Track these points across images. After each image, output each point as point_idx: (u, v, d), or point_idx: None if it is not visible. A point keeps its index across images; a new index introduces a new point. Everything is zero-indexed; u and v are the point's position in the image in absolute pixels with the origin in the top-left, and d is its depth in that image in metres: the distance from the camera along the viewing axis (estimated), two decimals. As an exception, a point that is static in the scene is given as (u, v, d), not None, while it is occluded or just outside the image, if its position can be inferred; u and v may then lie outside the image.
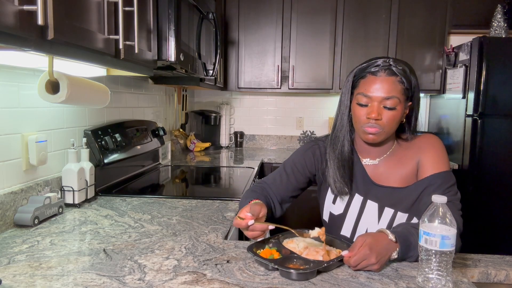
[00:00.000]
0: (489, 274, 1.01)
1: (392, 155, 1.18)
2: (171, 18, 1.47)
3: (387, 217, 1.13)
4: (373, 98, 1.07)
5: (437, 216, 0.83)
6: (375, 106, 1.07)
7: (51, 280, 0.85)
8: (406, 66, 1.09)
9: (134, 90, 2.19)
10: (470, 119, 2.65)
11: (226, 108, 3.44)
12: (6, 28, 0.67)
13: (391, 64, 1.07)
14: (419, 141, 1.16)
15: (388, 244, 0.94)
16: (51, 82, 1.20)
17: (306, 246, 1.00)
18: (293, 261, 0.95)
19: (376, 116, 1.06)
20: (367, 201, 1.16)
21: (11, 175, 1.25)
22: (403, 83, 1.07)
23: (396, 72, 1.07)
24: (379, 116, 1.07)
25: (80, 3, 0.92)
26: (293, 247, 1.00)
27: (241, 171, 2.36)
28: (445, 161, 1.12)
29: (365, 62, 1.13)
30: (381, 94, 1.06)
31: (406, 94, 1.09)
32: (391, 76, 1.07)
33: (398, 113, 1.08)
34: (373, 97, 1.07)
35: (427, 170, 1.10)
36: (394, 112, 1.07)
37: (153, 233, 1.17)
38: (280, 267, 0.89)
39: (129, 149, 1.86)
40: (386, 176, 1.16)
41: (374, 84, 1.07)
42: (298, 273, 0.87)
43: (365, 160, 1.20)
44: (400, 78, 1.07)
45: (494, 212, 2.66)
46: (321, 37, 3.08)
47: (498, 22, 2.79)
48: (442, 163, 1.11)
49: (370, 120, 1.07)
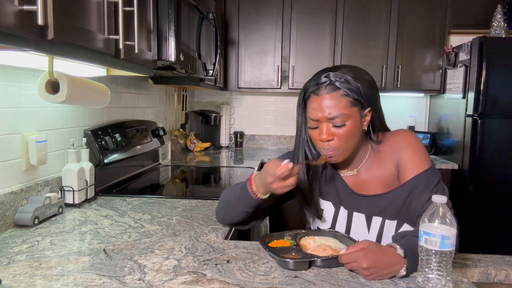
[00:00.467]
0: (489, 274, 1.01)
1: (369, 162, 1.13)
2: (171, 18, 1.47)
3: (376, 226, 1.10)
4: (319, 120, 1.03)
5: (437, 216, 0.83)
6: (324, 127, 1.03)
7: (51, 280, 0.85)
8: (349, 75, 1.02)
9: (134, 90, 2.19)
10: (470, 119, 2.65)
11: (226, 108, 3.44)
12: (6, 28, 0.67)
13: (331, 79, 1.01)
14: (393, 140, 1.11)
15: (394, 259, 0.90)
16: (51, 82, 1.20)
17: (319, 244, 1.02)
18: (291, 253, 0.99)
19: (326, 138, 1.02)
20: (353, 213, 1.12)
21: (11, 175, 1.25)
22: (348, 95, 1.01)
23: (339, 86, 1.01)
24: (330, 136, 1.03)
25: (80, 3, 0.92)
26: (308, 243, 1.04)
27: (241, 171, 2.36)
28: (425, 158, 1.07)
29: (311, 78, 1.08)
30: (324, 115, 1.02)
31: (357, 105, 1.03)
32: (333, 92, 1.01)
33: (351, 127, 1.03)
34: (318, 118, 1.03)
35: (409, 172, 1.06)
36: (345, 129, 1.02)
37: (153, 233, 1.17)
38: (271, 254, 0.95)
39: (129, 149, 1.86)
40: (367, 185, 1.12)
41: (317, 105, 1.02)
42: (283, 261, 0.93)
43: (343, 172, 1.16)
44: (343, 91, 1.01)
45: (494, 212, 2.66)
46: (321, 37, 3.08)
47: (498, 22, 2.79)
48: (422, 161, 1.06)
49: (323, 143, 1.04)
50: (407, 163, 1.07)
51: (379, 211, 1.10)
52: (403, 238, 0.96)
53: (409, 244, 0.92)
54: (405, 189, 1.06)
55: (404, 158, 1.08)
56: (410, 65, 3.05)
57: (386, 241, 1.07)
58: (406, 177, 1.06)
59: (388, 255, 0.90)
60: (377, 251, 0.90)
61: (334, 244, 1.03)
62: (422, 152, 1.08)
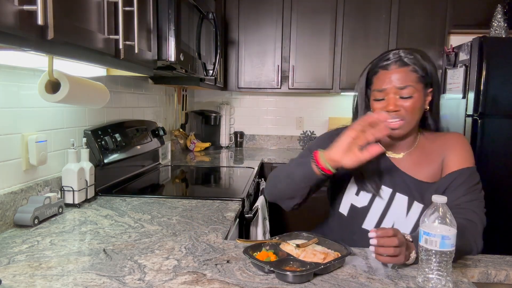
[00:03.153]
0: (489, 274, 1.01)
1: (417, 149, 1.16)
2: (171, 18, 1.47)
3: (416, 211, 1.10)
4: (387, 91, 1.06)
5: (437, 216, 0.83)
6: (391, 98, 1.06)
7: (51, 280, 0.85)
8: (418, 54, 1.07)
9: (134, 90, 2.19)
10: (470, 119, 2.65)
11: (226, 108, 3.44)
12: (6, 28, 0.67)
13: (401, 55, 1.07)
14: (446, 138, 1.15)
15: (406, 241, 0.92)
16: (51, 82, 1.20)
17: (304, 249, 1.00)
18: (289, 263, 0.93)
19: (394, 108, 1.05)
20: (396, 194, 1.12)
21: (11, 175, 1.25)
22: (417, 71, 1.06)
23: (408, 62, 1.06)
24: (397, 107, 1.06)
25: (80, 3, 0.92)
26: (290, 250, 0.99)
27: (241, 171, 2.36)
28: (470, 158, 1.11)
29: (376, 57, 1.13)
30: (394, 85, 1.05)
31: (423, 82, 1.07)
32: (403, 67, 1.06)
33: (416, 101, 1.06)
34: (387, 89, 1.06)
35: (452, 166, 1.09)
36: (412, 101, 1.05)
37: (153, 233, 1.17)
38: (276, 269, 0.87)
39: (129, 149, 1.86)
40: (412, 170, 1.13)
41: (386, 77, 1.07)
42: (294, 275, 0.86)
43: (389, 154, 1.17)
44: (412, 67, 1.06)
45: (494, 212, 2.65)
46: (321, 37, 3.08)
47: (498, 22, 2.79)
48: (467, 159, 1.10)
49: (389, 113, 1.05)
50: (452, 158, 1.10)
51: (421, 198, 1.10)
52: None
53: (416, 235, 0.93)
54: (446, 181, 1.09)
55: (450, 155, 1.11)
56: (410, 65, 3.05)
57: None
58: (449, 170, 1.09)
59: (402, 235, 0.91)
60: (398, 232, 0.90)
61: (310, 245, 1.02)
62: (468, 152, 1.12)
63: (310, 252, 0.97)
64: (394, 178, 1.13)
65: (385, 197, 1.13)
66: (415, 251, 0.92)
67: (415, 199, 1.11)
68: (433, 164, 1.13)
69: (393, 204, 1.12)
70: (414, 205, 1.11)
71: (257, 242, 1.03)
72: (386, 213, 1.13)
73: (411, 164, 1.14)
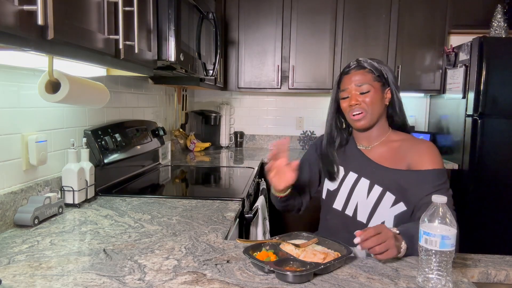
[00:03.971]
0: (489, 274, 1.01)
1: (385, 143, 1.30)
2: (171, 18, 1.47)
3: (375, 194, 1.23)
4: (349, 89, 1.25)
5: (437, 216, 0.83)
6: (353, 94, 1.25)
7: (51, 280, 0.85)
8: (373, 61, 1.27)
9: (134, 90, 2.19)
10: (470, 119, 2.65)
11: (226, 108, 3.44)
12: (6, 28, 0.67)
13: (359, 60, 1.28)
14: (418, 143, 1.25)
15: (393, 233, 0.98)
16: (51, 82, 1.20)
17: (304, 249, 1.00)
18: (289, 263, 0.94)
19: (355, 102, 1.24)
20: (360, 179, 1.27)
21: (11, 175, 1.25)
22: (373, 72, 1.25)
23: (365, 65, 1.26)
24: (358, 101, 1.24)
25: (80, 3, 0.92)
26: (290, 250, 0.99)
27: (241, 171, 2.36)
28: (440, 162, 1.20)
29: None
30: (354, 83, 1.25)
31: (379, 81, 1.25)
32: (360, 70, 1.26)
33: (375, 95, 1.24)
34: (349, 88, 1.26)
35: (421, 166, 1.19)
36: (369, 95, 1.23)
37: (153, 233, 1.17)
38: (276, 269, 0.87)
39: (129, 149, 1.86)
40: (377, 158, 1.28)
41: (348, 79, 1.27)
42: (294, 275, 0.86)
43: (360, 145, 1.33)
44: (369, 69, 1.25)
45: (494, 212, 2.66)
46: (321, 37, 3.08)
47: (498, 22, 2.79)
48: (436, 162, 1.19)
49: (353, 107, 1.24)
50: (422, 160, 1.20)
51: (383, 182, 1.23)
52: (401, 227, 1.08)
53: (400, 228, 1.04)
54: (414, 176, 1.18)
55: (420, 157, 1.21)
56: (410, 65, 3.05)
57: (380, 211, 1.21)
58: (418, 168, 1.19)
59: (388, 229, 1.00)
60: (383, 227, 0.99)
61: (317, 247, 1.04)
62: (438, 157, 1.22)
63: (310, 252, 0.97)
64: (360, 165, 1.29)
65: (351, 181, 1.29)
66: (404, 242, 1.00)
67: (376, 182, 1.24)
68: (399, 161, 1.24)
69: (356, 187, 1.27)
70: (374, 188, 1.23)
71: (257, 242, 1.03)
72: (351, 195, 1.27)
73: (377, 153, 1.29)
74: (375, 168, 1.25)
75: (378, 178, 1.24)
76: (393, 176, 1.21)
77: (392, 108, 1.30)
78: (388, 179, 1.22)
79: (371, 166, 1.26)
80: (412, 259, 1.01)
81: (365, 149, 1.31)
